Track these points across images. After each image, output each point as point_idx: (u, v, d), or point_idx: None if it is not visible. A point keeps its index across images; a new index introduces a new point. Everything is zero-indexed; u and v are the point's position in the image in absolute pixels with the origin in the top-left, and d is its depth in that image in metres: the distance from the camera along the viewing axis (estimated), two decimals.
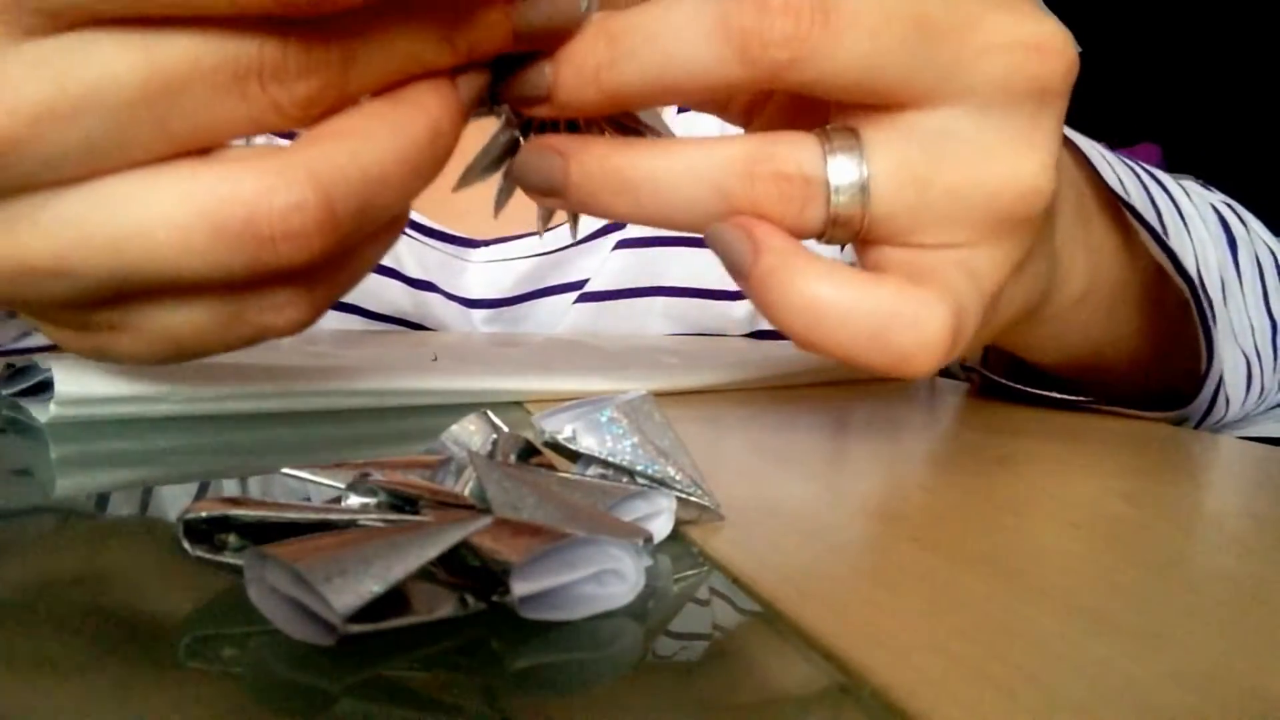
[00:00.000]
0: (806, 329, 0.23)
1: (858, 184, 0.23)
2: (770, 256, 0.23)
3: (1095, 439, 0.31)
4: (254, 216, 0.19)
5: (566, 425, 0.19)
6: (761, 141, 0.23)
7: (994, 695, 0.12)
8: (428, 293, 0.57)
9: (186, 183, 0.19)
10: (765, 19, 0.22)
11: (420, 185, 0.22)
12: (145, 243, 0.19)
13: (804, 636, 0.14)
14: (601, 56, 0.23)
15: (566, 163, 0.24)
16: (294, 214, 0.19)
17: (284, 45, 0.19)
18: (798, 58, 0.22)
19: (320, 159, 0.20)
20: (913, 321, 0.22)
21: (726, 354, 0.45)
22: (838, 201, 0.23)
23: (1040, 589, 0.16)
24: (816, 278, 0.23)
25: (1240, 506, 0.24)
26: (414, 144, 0.21)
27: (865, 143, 0.23)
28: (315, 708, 0.12)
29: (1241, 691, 0.13)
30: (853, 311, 0.22)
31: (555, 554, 0.14)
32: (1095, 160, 0.32)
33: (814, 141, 0.23)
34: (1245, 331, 0.37)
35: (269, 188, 0.19)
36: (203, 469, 0.24)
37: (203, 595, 0.15)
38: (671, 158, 0.23)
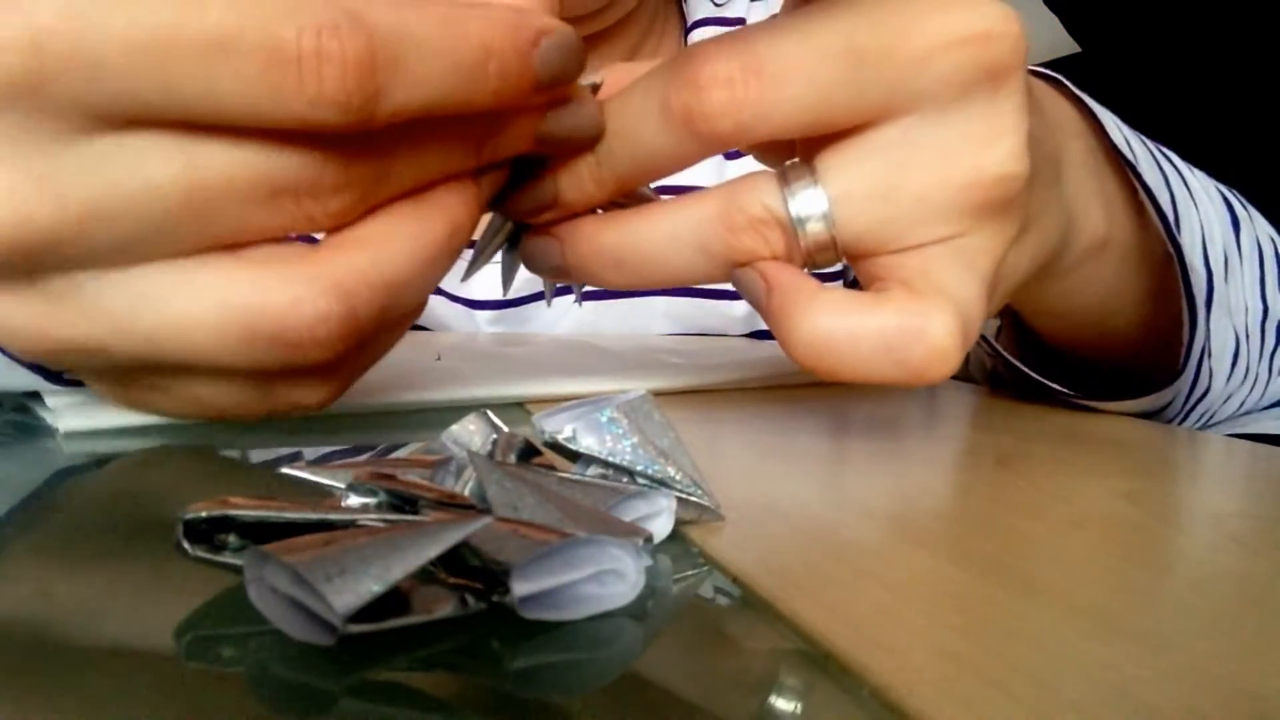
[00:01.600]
0: (816, 360, 0.23)
1: (820, 214, 0.24)
2: (778, 294, 0.24)
3: (1095, 439, 0.31)
4: (283, 326, 0.20)
5: (566, 425, 0.19)
6: (728, 194, 0.24)
7: (994, 695, 0.12)
8: (432, 295, 0.57)
9: (221, 287, 0.20)
10: (699, 95, 0.23)
11: (438, 280, 0.23)
12: (181, 337, 0.20)
13: (804, 636, 0.14)
14: (590, 161, 0.25)
15: (562, 246, 0.26)
16: (320, 325, 0.20)
17: (322, 162, 0.20)
18: (741, 124, 0.23)
19: (345, 268, 0.20)
20: (919, 333, 0.23)
21: (726, 354, 0.45)
22: (805, 233, 0.24)
23: (1040, 589, 0.16)
24: (818, 310, 0.23)
25: (1240, 506, 0.24)
26: (435, 245, 0.22)
27: (820, 171, 0.24)
28: (315, 708, 0.12)
29: (1242, 692, 0.13)
30: (860, 336, 0.23)
31: (555, 554, 0.14)
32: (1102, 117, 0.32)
33: (773, 182, 0.24)
34: (1240, 311, 0.38)
35: (297, 298, 0.20)
36: (203, 469, 0.24)
37: (203, 595, 0.15)
38: (653, 226, 0.25)
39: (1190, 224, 0.35)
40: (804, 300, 0.23)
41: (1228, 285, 0.37)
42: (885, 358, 0.23)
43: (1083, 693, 0.12)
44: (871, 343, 0.23)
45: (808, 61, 0.22)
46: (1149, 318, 0.37)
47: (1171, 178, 0.35)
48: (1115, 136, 0.33)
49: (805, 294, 0.23)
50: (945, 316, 0.23)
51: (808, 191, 0.24)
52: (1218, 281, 0.34)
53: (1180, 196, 0.34)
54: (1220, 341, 0.36)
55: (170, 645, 0.14)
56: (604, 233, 0.25)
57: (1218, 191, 0.41)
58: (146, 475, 0.24)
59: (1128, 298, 0.36)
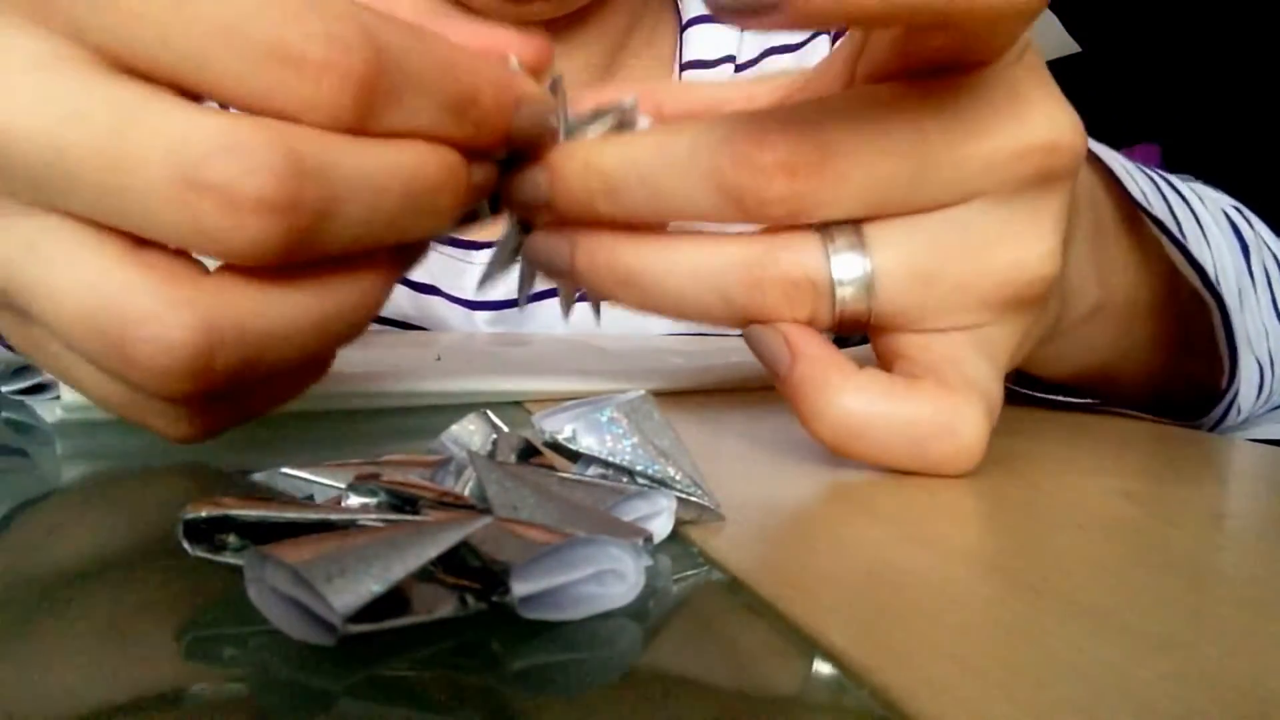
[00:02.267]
0: (842, 443, 0.23)
1: (862, 280, 0.23)
2: (803, 366, 0.23)
3: (1096, 439, 0.31)
4: (129, 338, 0.18)
5: (566, 425, 0.19)
6: (765, 245, 0.23)
7: (994, 695, 0.12)
8: (430, 295, 0.57)
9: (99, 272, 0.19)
10: (760, 179, 0.22)
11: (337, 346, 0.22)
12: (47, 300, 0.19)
13: (804, 636, 0.14)
14: (593, 186, 0.23)
15: (573, 250, 0.24)
16: (164, 353, 0.18)
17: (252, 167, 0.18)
18: (794, 212, 0.22)
19: (222, 307, 0.19)
20: (949, 430, 0.23)
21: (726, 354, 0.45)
22: (843, 297, 0.23)
23: (1041, 589, 0.16)
24: (849, 392, 0.23)
25: (1241, 506, 0.24)
26: (334, 318, 0.20)
27: (868, 239, 0.23)
28: (315, 708, 0.12)
29: (1242, 692, 0.13)
30: (889, 425, 0.23)
31: (555, 554, 0.14)
32: (1118, 173, 0.32)
33: (817, 241, 0.23)
34: (1260, 337, 0.37)
35: (154, 316, 0.18)
36: (204, 468, 0.24)
37: (203, 595, 0.15)
38: (676, 257, 0.23)
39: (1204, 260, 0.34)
40: (836, 378, 0.23)
41: (1244, 315, 0.37)
42: (911, 449, 0.23)
43: (1083, 693, 0.12)
44: (899, 435, 0.23)
45: (874, 158, 0.22)
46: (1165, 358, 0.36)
47: (1181, 215, 0.34)
48: (1133, 189, 0.32)
49: (836, 371, 0.23)
50: (977, 414, 0.23)
51: (853, 256, 0.23)
52: (1234, 315, 0.34)
53: (1192, 236, 0.34)
54: (1247, 375, 0.36)
55: (170, 645, 0.14)
56: (621, 249, 0.24)
57: (1224, 214, 0.40)
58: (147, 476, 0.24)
59: (1135, 348, 0.35)
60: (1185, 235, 0.33)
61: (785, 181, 0.22)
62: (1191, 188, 0.40)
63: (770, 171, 0.22)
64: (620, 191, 0.23)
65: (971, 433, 0.23)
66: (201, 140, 0.18)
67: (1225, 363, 0.34)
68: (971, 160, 0.22)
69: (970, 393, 0.23)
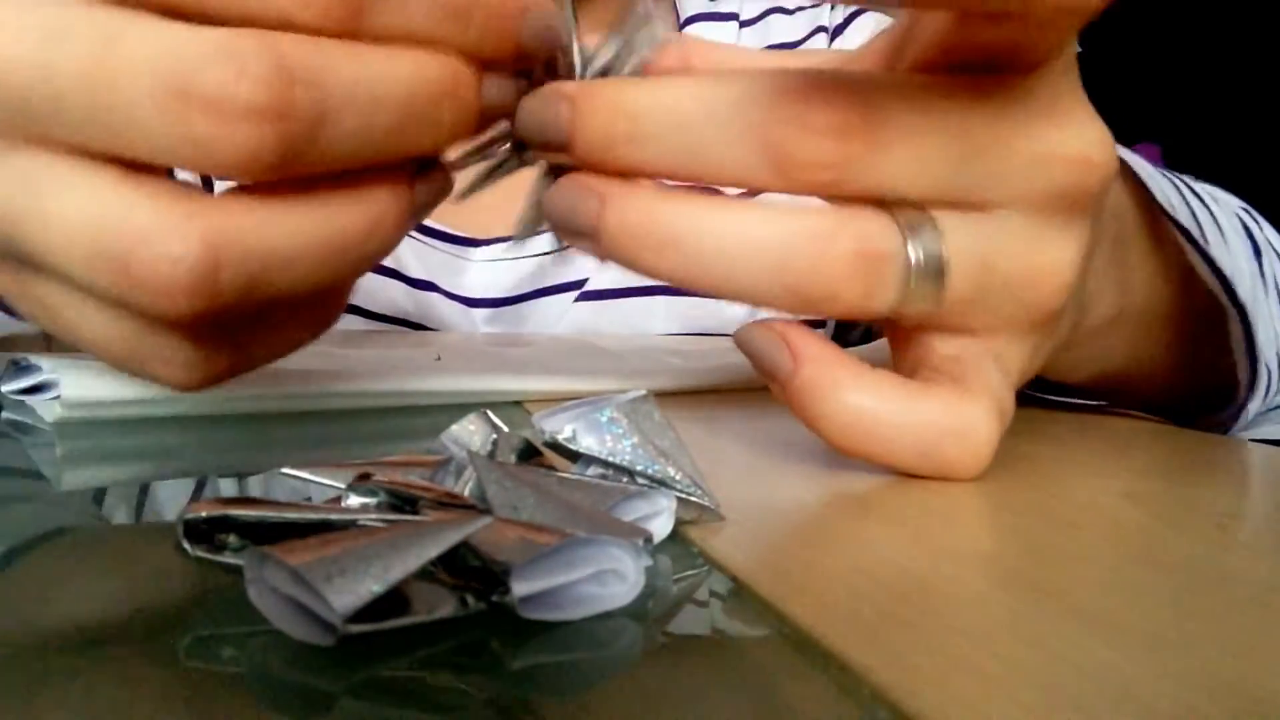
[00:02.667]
0: (852, 443, 0.23)
1: (936, 262, 0.22)
2: (811, 366, 0.22)
3: (1095, 439, 0.31)
4: (132, 253, 0.18)
5: (566, 425, 0.19)
6: (834, 215, 0.22)
7: (994, 695, 0.12)
8: (429, 292, 0.57)
9: (93, 193, 0.18)
10: (807, 140, 0.21)
11: (348, 275, 0.21)
12: (42, 231, 0.19)
13: (804, 636, 0.14)
14: (619, 129, 0.22)
15: (604, 208, 0.22)
16: (169, 266, 0.18)
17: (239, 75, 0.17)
18: (837, 180, 0.21)
19: (226, 222, 0.18)
20: (961, 433, 0.22)
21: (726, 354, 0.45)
22: (916, 281, 0.22)
23: (1040, 589, 0.16)
24: (861, 390, 0.22)
25: (1243, 507, 0.24)
26: (345, 235, 0.20)
27: (940, 225, 0.22)
28: (315, 708, 0.12)
29: (1242, 692, 0.13)
30: (901, 427, 0.22)
31: (555, 554, 0.14)
32: (1144, 178, 0.32)
33: (889, 217, 0.22)
34: (1270, 342, 0.37)
35: (156, 229, 0.18)
36: (204, 468, 0.24)
37: (203, 595, 0.15)
38: (729, 221, 0.21)
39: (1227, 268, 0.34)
40: (844, 377, 0.22)
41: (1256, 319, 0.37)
42: (920, 450, 0.22)
43: (1083, 693, 0.12)
44: (910, 436, 0.22)
45: (922, 134, 0.21)
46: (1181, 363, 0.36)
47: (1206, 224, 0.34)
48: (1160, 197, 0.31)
49: (844, 369, 0.22)
50: (989, 419, 0.23)
51: (929, 237, 0.22)
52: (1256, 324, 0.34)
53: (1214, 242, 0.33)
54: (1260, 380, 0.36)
55: (170, 645, 0.14)
56: (661, 207, 0.21)
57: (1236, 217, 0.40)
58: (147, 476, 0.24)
59: (1152, 353, 0.35)
60: (1208, 241, 0.32)
61: (833, 144, 0.21)
62: (1206, 190, 0.39)
63: (820, 130, 0.21)
64: (649, 139, 0.21)
65: (983, 437, 0.23)
66: (189, 51, 0.17)
67: (1245, 371, 0.34)
68: (1015, 157, 0.22)
69: (985, 397, 0.23)
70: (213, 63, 0.17)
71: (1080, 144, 0.23)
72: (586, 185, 0.22)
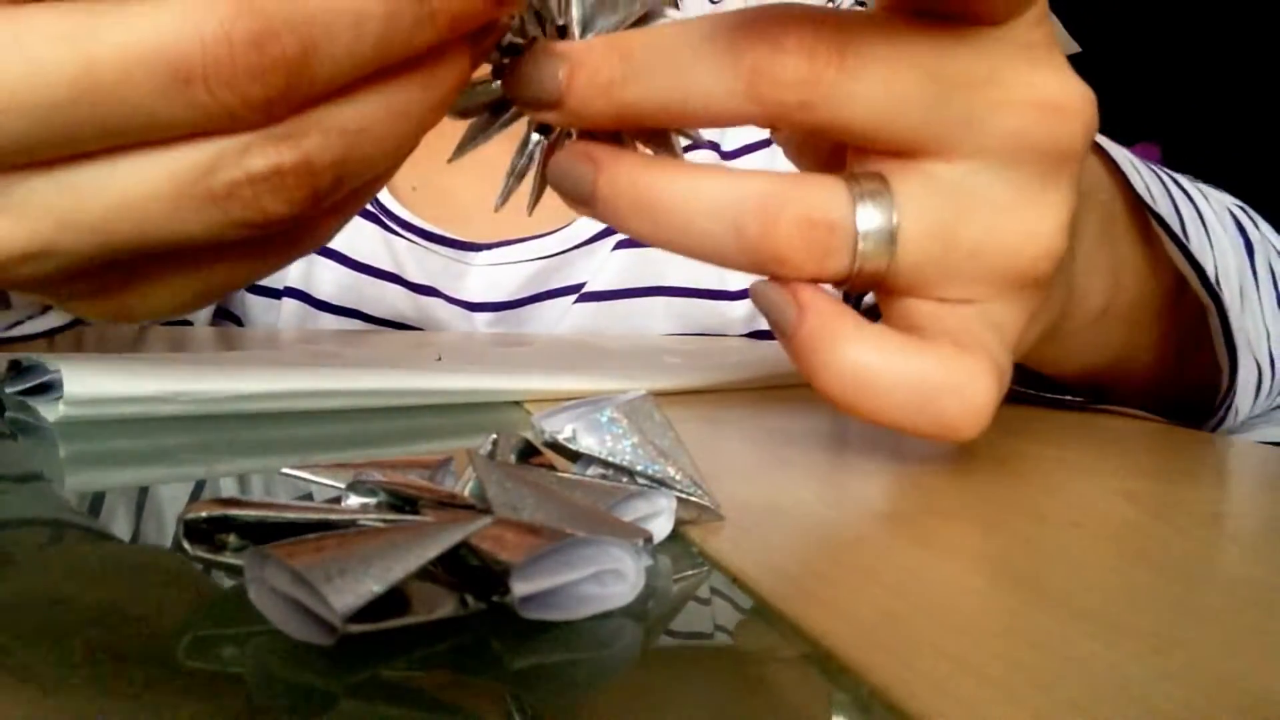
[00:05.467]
0: (850, 396, 0.22)
1: (886, 232, 0.22)
2: (814, 319, 0.22)
3: (1095, 439, 0.31)
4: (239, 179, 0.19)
5: (566, 425, 0.19)
6: (787, 182, 0.22)
7: (994, 695, 0.12)
8: (429, 297, 0.57)
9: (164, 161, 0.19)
10: (777, 58, 0.21)
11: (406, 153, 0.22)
12: (135, 216, 0.19)
13: (804, 636, 0.14)
14: (615, 71, 0.23)
15: (597, 173, 0.23)
16: (274, 176, 0.19)
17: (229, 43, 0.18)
18: (808, 101, 0.22)
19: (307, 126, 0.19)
20: (959, 389, 0.22)
21: (726, 354, 0.45)
22: (864, 249, 0.22)
23: (1040, 589, 0.16)
24: (862, 343, 0.22)
25: (1241, 506, 0.24)
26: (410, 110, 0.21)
27: (894, 190, 0.22)
28: (315, 708, 0.12)
29: (1242, 692, 0.13)
30: (900, 380, 0.22)
31: (555, 554, 0.14)
32: (1126, 169, 0.32)
33: (842, 185, 0.22)
34: (1261, 338, 0.37)
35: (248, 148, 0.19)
36: (204, 468, 0.24)
37: (203, 595, 0.15)
38: (695, 186, 0.23)
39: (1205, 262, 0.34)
40: (846, 329, 0.22)
41: (1244, 315, 0.36)
42: (920, 406, 0.22)
43: (1083, 693, 0.12)
44: (909, 390, 0.22)
45: (894, 64, 0.22)
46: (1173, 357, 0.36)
47: (1186, 214, 0.34)
48: (1138, 185, 0.31)
49: (848, 323, 0.22)
50: (988, 376, 0.22)
51: (880, 207, 0.22)
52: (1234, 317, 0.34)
53: (1195, 236, 0.33)
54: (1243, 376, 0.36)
55: (170, 645, 0.14)
56: (645, 173, 0.23)
57: (1229, 213, 0.40)
58: (148, 476, 0.24)
59: (1143, 347, 0.35)
60: (1188, 234, 0.32)
61: (803, 62, 0.21)
62: (1197, 187, 0.39)
63: (790, 50, 0.21)
64: (640, 76, 0.22)
65: (982, 394, 0.22)
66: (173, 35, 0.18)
67: (1225, 365, 0.34)
68: (986, 100, 0.22)
69: (983, 355, 0.23)
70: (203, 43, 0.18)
71: (1055, 90, 0.22)
72: (583, 153, 0.24)
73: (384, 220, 0.58)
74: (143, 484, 0.23)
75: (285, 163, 0.19)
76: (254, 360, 0.32)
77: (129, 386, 0.26)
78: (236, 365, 0.29)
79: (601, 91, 0.23)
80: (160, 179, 0.19)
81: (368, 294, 0.57)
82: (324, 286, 0.57)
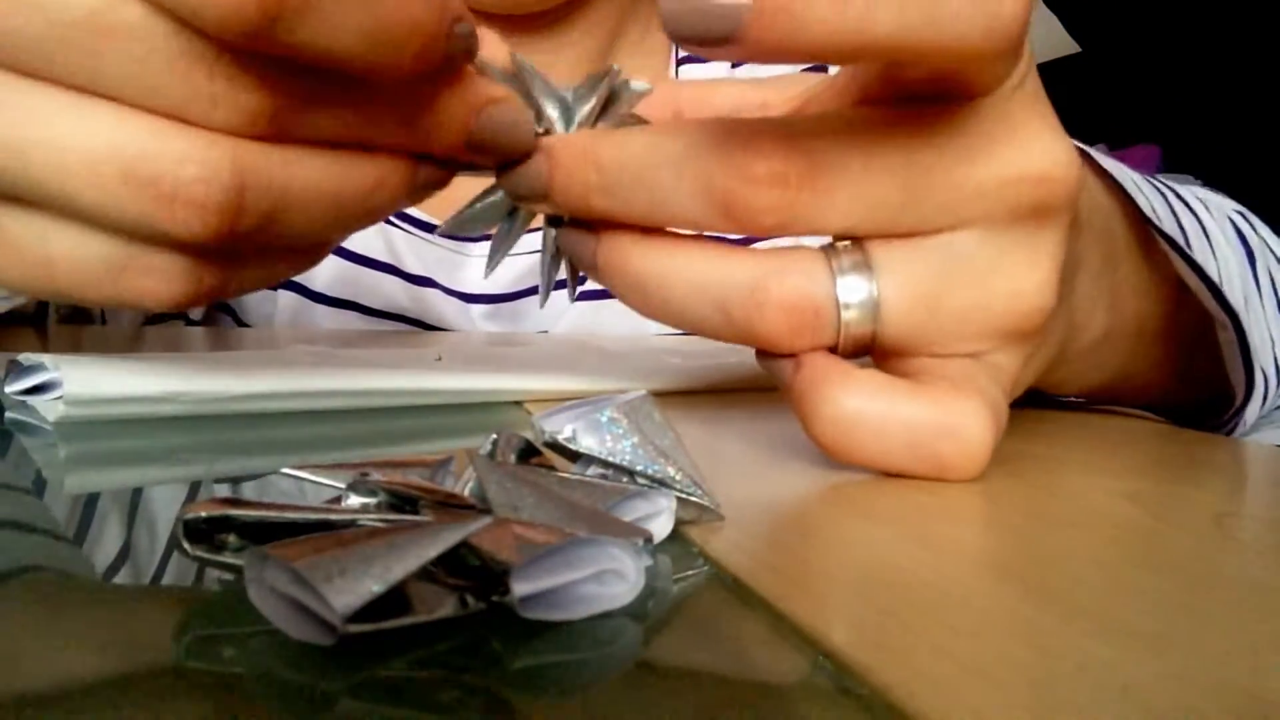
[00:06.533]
0: (842, 442, 0.23)
1: (869, 303, 0.23)
2: (808, 370, 0.23)
3: (1096, 439, 0.31)
4: (163, 174, 0.19)
5: (566, 425, 0.19)
6: (769, 264, 0.23)
7: (994, 695, 0.12)
8: (426, 288, 0.57)
9: (115, 127, 0.19)
10: (749, 189, 0.22)
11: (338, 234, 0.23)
12: (56, 159, 0.20)
13: (804, 636, 0.14)
14: (589, 178, 0.23)
15: (597, 246, 0.24)
16: (200, 185, 0.19)
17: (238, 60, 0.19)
18: (783, 223, 0.22)
19: (252, 153, 0.20)
20: (954, 431, 0.22)
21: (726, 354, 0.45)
22: (848, 319, 0.23)
23: (1041, 589, 0.16)
24: (852, 389, 0.22)
25: (1242, 507, 0.24)
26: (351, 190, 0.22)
27: (874, 261, 0.23)
28: (315, 708, 0.12)
29: (1242, 693, 0.13)
30: (889, 425, 0.22)
31: (555, 554, 0.14)
32: (1129, 188, 0.31)
33: (823, 262, 0.23)
34: (1265, 345, 0.37)
35: (188, 154, 0.19)
36: (204, 468, 0.24)
37: (203, 595, 0.15)
38: (680, 265, 0.23)
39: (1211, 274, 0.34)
40: (836, 378, 0.22)
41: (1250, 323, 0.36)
42: (911, 449, 0.22)
43: (1083, 693, 0.12)
44: (903, 431, 0.22)
45: (866, 176, 0.22)
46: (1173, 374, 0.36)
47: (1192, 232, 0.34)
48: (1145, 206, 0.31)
49: (838, 373, 0.23)
50: (984, 418, 0.22)
51: (858, 279, 0.23)
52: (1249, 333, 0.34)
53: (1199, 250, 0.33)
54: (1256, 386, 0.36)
55: (170, 645, 0.14)
56: (630, 250, 0.24)
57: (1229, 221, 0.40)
58: (147, 476, 0.24)
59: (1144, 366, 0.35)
60: (1192, 249, 0.32)
61: (776, 192, 0.22)
62: (1195, 193, 0.39)
63: (762, 180, 0.22)
64: (615, 189, 0.23)
65: (977, 435, 0.22)
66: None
67: (1240, 377, 0.34)
68: (963, 186, 0.22)
69: (977, 396, 0.23)
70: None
71: (1037, 161, 0.22)
72: (584, 231, 0.25)
73: None
74: (143, 484, 0.23)
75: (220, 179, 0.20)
76: (254, 360, 0.32)
77: (129, 386, 0.26)
78: (236, 365, 0.29)
79: (579, 195, 0.24)
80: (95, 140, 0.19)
81: (364, 286, 0.57)
82: (321, 278, 0.57)
